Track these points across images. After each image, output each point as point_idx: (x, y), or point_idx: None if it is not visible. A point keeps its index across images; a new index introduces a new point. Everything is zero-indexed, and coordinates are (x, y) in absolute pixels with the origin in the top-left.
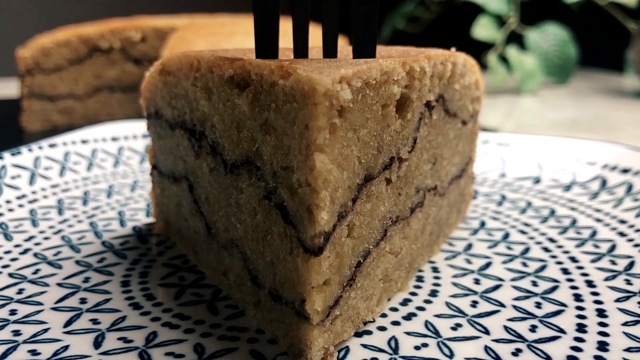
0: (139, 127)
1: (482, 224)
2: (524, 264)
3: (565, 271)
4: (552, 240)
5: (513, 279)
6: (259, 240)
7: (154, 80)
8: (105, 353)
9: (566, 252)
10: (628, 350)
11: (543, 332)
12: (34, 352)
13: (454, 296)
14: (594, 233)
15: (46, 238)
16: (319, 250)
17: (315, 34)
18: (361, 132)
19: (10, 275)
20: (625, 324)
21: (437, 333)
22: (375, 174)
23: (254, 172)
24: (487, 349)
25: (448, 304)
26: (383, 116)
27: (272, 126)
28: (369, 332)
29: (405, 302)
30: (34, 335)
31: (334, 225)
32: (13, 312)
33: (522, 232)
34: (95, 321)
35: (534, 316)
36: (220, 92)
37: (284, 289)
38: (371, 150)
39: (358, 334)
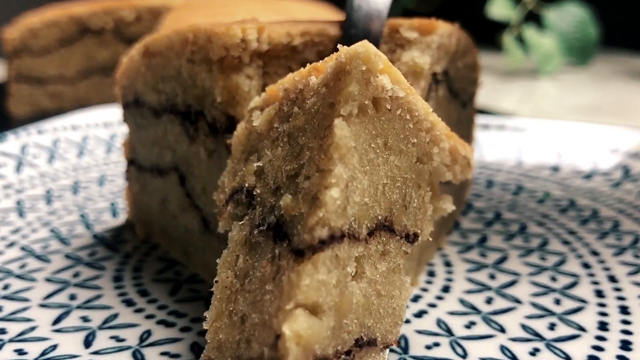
0: None
1: (498, 215)
2: (542, 258)
3: (585, 265)
4: (571, 232)
5: (530, 274)
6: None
7: (134, 64)
8: (96, 353)
9: (587, 244)
10: None
11: (562, 330)
12: (20, 352)
13: (467, 292)
14: (616, 224)
15: (34, 230)
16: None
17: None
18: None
19: None
20: None
21: (449, 331)
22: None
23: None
24: (503, 348)
25: (461, 301)
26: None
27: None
28: None
29: (415, 299)
30: (21, 334)
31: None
32: None
33: (540, 223)
34: (85, 319)
35: (552, 313)
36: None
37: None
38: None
39: None
